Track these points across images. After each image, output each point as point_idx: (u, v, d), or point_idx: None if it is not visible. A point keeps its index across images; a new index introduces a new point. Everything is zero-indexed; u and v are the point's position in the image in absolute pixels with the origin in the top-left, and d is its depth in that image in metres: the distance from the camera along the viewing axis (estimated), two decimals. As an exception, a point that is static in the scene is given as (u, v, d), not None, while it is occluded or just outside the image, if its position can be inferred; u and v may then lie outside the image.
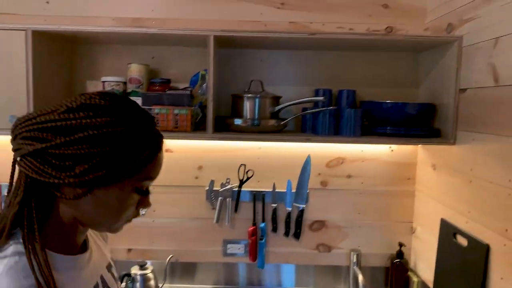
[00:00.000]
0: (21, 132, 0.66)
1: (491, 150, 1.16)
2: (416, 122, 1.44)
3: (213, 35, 1.32)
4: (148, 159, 0.69)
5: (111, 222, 0.72)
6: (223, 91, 1.57)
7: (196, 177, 1.66)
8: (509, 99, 1.08)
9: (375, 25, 1.61)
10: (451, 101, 1.35)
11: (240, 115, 1.44)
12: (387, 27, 1.61)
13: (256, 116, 1.42)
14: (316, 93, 1.57)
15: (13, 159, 0.68)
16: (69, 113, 0.64)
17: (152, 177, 0.72)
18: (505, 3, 1.12)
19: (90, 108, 0.65)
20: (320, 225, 1.69)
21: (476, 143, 1.24)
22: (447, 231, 1.38)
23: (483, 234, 1.19)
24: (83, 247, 0.79)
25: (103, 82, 1.51)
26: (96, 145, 0.63)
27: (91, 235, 0.86)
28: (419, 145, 1.65)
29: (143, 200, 0.74)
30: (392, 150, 1.66)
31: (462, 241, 1.28)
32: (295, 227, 1.67)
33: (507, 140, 1.08)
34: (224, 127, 1.43)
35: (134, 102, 0.71)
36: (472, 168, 1.26)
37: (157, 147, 0.71)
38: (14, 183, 0.69)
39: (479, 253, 1.18)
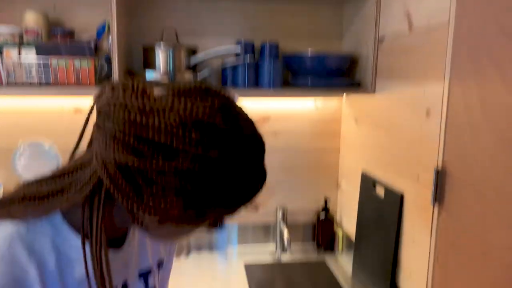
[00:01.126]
0: (116, 127, 0.49)
1: (405, 97, 1.15)
2: (338, 74, 1.41)
3: (114, -23, 1.18)
4: (248, 199, 0.55)
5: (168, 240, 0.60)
6: (136, 43, 1.44)
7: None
8: (421, 45, 1.06)
9: (298, -27, 1.53)
10: (370, 51, 1.32)
11: (152, 68, 1.32)
12: (311, -24, 1.54)
13: (170, 69, 1.32)
14: (238, 45, 1.48)
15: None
16: (178, 130, 0.48)
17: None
18: None
19: (206, 131, 0.49)
20: (246, 184, 1.65)
21: (393, 92, 1.23)
22: (367, 184, 1.38)
23: (398, 184, 1.20)
24: (121, 240, 0.65)
25: (-7, 32, 1.32)
26: (199, 180, 0.49)
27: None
28: (343, 100, 1.63)
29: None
30: (317, 107, 1.63)
31: (380, 192, 1.29)
32: (220, 187, 1.61)
33: (418, 86, 1.07)
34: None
35: (253, 129, 0.55)
36: (389, 118, 1.25)
37: (260, 188, 0.56)
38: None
39: (394, 202, 1.19)
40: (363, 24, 1.39)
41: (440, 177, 0.98)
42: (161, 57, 1.31)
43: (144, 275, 0.70)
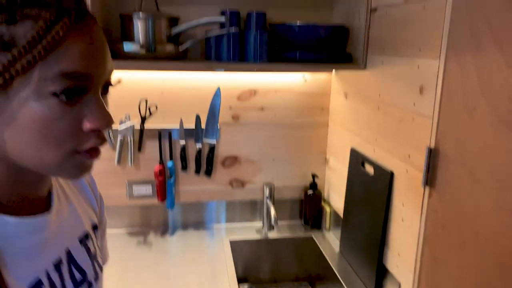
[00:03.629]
0: None
1: (397, 73, 1.10)
2: (328, 46, 1.34)
3: None
4: (49, 31, 0.42)
5: (46, 154, 0.46)
6: (114, 12, 1.34)
7: (91, 114, 1.45)
8: (416, 15, 1.00)
9: None
10: (362, 22, 1.25)
11: (130, 39, 1.24)
12: None
13: (150, 41, 1.23)
14: (223, 15, 1.39)
15: None
16: None
17: (76, 71, 0.44)
18: None
19: None
20: (232, 160, 1.60)
21: (384, 66, 1.17)
22: (356, 160, 1.35)
23: (388, 162, 1.16)
24: (45, 206, 0.56)
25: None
26: None
27: (65, 192, 0.61)
28: (333, 74, 1.57)
29: (82, 111, 0.46)
30: (305, 80, 1.57)
31: (370, 169, 1.26)
32: (206, 164, 1.56)
33: (412, 61, 1.02)
34: (112, 54, 1.23)
35: None
36: (380, 94, 1.20)
37: (64, 11, 0.44)
38: None
39: (384, 180, 1.16)
40: (355, -7, 1.31)
41: (433, 157, 0.94)
42: (140, 27, 1.22)
43: (83, 241, 0.62)
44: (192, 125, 1.53)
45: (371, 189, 1.24)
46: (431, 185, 0.96)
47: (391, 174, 1.14)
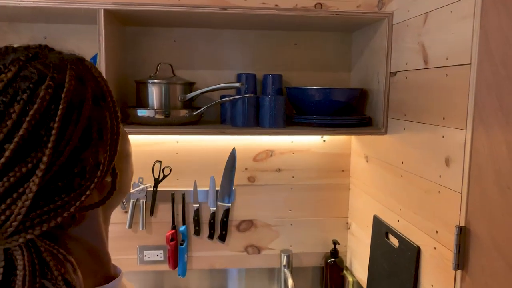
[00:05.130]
0: None
1: (421, 141, 1.03)
2: (346, 109, 1.29)
3: (103, 9, 1.10)
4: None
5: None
6: (130, 78, 1.35)
7: (104, 177, 1.43)
8: (438, 82, 0.95)
9: (304, 1, 1.44)
10: (382, 85, 1.21)
11: (145, 104, 1.23)
12: (317, 4, 1.44)
13: (164, 106, 1.22)
14: (239, 79, 1.38)
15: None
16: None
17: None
18: (434, -28, 0.97)
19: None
20: (248, 224, 1.53)
21: (407, 132, 1.11)
22: (380, 229, 1.25)
23: (414, 235, 1.06)
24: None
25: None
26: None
27: None
28: (352, 136, 1.51)
29: None
30: (324, 141, 1.52)
31: (394, 241, 1.16)
32: (220, 228, 1.49)
33: (437, 130, 0.95)
34: (127, 119, 1.22)
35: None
36: (403, 161, 1.13)
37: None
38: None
39: (410, 255, 1.06)
40: (373, 55, 1.28)
41: (463, 236, 0.85)
42: (154, 93, 1.22)
43: None
44: (206, 187, 1.48)
45: (397, 263, 1.13)
46: (463, 268, 0.85)
47: (418, 250, 1.03)
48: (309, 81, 1.45)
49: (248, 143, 1.49)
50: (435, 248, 0.96)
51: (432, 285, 0.97)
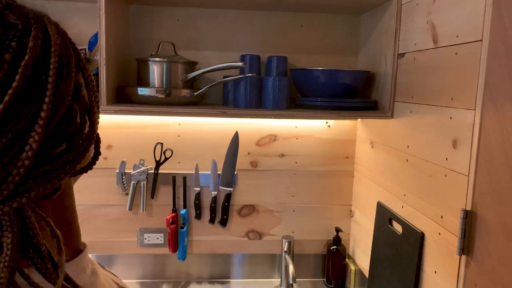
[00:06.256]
0: None
1: (428, 124, 1.00)
2: (352, 93, 1.26)
3: (104, -16, 1.07)
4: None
5: None
6: (131, 57, 1.33)
7: (105, 158, 1.42)
8: (447, 61, 0.91)
9: (310, -18, 1.40)
10: (389, 67, 1.17)
11: (146, 83, 1.21)
12: (324, -15, 1.40)
13: (165, 85, 1.20)
14: (242, 60, 1.35)
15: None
16: None
17: None
18: None
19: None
20: (249, 210, 1.51)
21: (413, 116, 1.07)
22: (383, 216, 1.22)
23: (418, 221, 1.04)
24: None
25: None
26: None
27: None
28: (358, 121, 1.48)
29: None
30: (329, 126, 1.49)
31: (398, 227, 1.13)
32: (221, 213, 1.48)
33: (444, 111, 0.92)
34: (126, 98, 1.20)
35: None
36: (409, 145, 1.09)
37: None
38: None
39: (414, 241, 1.03)
40: (381, 37, 1.24)
41: (469, 221, 0.82)
42: (155, 71, 1.19)
43: None
44: (208, 171, 1.46)
45: (400, 250, 1.10)
46: (468, 253, 0.83)
47: (422, 236, 1.01)
48: (315, 64, 1.42)
49: (251, 127, 1.46)
50: (439, 233, 0.93)
51: (435, 272, 0.95)
